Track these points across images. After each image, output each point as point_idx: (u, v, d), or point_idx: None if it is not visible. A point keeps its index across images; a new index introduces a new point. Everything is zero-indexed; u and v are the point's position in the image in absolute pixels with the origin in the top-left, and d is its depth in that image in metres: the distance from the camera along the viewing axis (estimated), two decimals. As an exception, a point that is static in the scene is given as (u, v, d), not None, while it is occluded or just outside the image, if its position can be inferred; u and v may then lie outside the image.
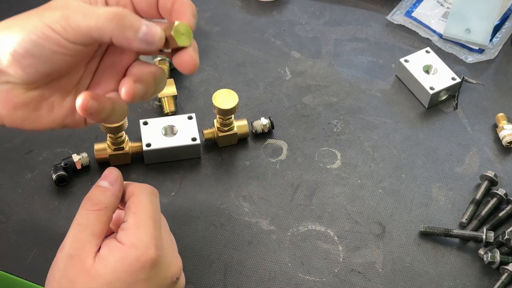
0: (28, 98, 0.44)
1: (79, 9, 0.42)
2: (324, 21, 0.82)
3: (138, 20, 0.42)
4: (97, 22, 0.41)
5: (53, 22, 0.41)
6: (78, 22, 0.41)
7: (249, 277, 0.60)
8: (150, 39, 0.42)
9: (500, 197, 0.64)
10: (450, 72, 0.73)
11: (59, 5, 0.43)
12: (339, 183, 0.67)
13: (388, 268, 0.61)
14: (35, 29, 0.41)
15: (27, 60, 0.42)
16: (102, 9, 0.42)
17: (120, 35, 0.41)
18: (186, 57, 0.44)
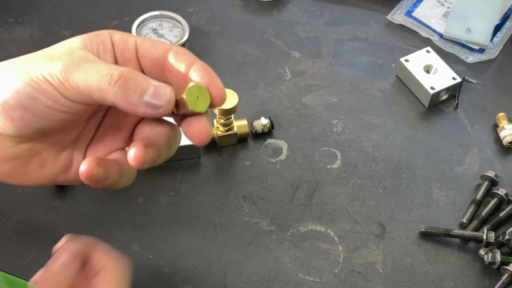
0: (17, 152, 0.40)
1: (82, 64, 0.37)
2: (324, 21, 0.82)
3: (145, 80, 0.37)
4: (99, 84, 0.37)
5: (52, 74, 0.37)
6: (79, 80, 0.37)
7: (249, 277, 0.59)
8: (156, 103, 0.37)
9: (500, 197, 0.64)
10: (450, 72, 0.73)
11: (62, 54, 0.38)
12: (339, 183, 0.66)
13: (388, 269, 0.60)
14: (31, 79, 0.37)
15: (18, 112, 0.37)
16: (106, 67, 0.37)
17: (124, 100, 0.37)
18: (197, 127, 0.38)
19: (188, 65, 0.39)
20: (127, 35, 0.41)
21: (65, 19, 0.80)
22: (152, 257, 0.61)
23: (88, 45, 0.39)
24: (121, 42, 0.40)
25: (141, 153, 0.38)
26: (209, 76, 0.39)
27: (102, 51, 0.40)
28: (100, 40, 0.40)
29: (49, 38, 0.77)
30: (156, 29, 0.75)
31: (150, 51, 0.40)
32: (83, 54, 0.38)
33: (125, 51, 0.40)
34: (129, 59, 0.40)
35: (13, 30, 0.78)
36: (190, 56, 0.40)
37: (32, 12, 0.80)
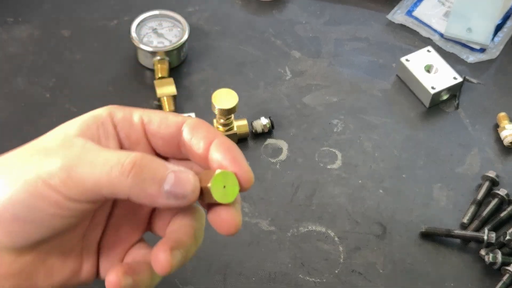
0: (19, 266, 0.34)
1: (84, 155, 0.32)
2: (325, 20, 0.82)
3: (162, 166, 0.32)
4: (109, 177, 0.31)
5: (51, 175, 0.31)
6: (84, 176, 0.31)
7: (249, 278, 0.59)
8: (179, 192, 0.31)
9: (501, 197, 0.64)
10: (451, 72, 0.73)
11: (59, 146, 0.32)
12: (339, 183, 0.66)
13: (389, 269, 0.60)
14: (27, 185, 0.31)
15: (15, 226, 0.32)
16: (114, 155, 0.31)
17: (140, 192, 0.31)
18: (225, 217, 0.34)
19: (207, 143, 0.34)
20: (130, 111, 0.35)
21: (64, 19, 0.79)
22: (152, 258, 0.60)
23: (86, 131, 0.34)
24: (124, 121, 0.35)
25: (168, 258, 0.32)
26: (233, 156, 0.34)
27: (103, 136, 0.34)
28: (100, 123, 0.34)
29: (49, 37, 0.77)
30: (155, 28, 0.75)
31: (161, 128, 0.35)
32: (82, 143, 0.33)
33: (131, 132, 0.35)
34: (136, 141, 0.35)
35: (12, 30, 0.78)
36: (208, 130, 0.34)
37: (31, 11, 0.80)
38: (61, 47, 0.77)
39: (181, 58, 0.75)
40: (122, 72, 0.75)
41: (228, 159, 0.33)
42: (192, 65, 0.76)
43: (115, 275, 0.33)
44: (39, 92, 0.72)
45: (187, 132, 0.34)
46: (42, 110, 0.71)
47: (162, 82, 0.71)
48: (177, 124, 0.35)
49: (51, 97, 0.72)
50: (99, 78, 0.74)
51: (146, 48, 0.72)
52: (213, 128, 0.35)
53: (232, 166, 0.33)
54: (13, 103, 0.71)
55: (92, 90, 0.73)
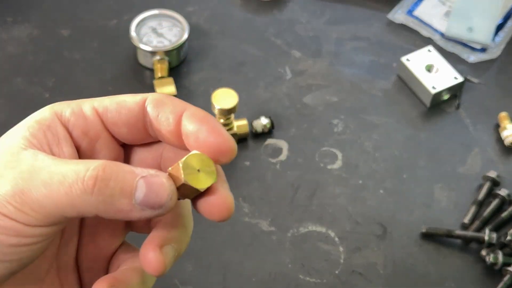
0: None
1: (37, 174, 0.27)
2: (325, 20, 0.81)
3: (129, 173, 0.27)
4: (70, 197, 0.26)
5: (1, 203, 0.27)
6: (40, 199, 0.26)
7: (249, 278, 0.59)
8: (155, 202, 0.27)
9: (502, 198, 0.64)
10: (452, 72, 0.72)
11: (6, 165, 0.28)
12: (340, 183, 0.66)
13: (389, 270, 0.60)
14: None
15: None
16: (71, 169, 0.27)
17: (109, 208, 0.27)
18: (215, 201, 0.29)
19: (177, 116, 0.29)
20: (78, 104, 0.30)
21: (63, 18, 0.79)
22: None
23: (32, 139, 0.29)
24: (75, 118, 0.30)
25: (158, 258, 0.28)
26: (210, 126, 0.29)
27: (53, 142, 0.29)
28: (45, 127, 0.29)
29: (48, 37, 0.77)
30: (155, 28, 0.75)
31: (121, 114, 0.30)
32: (31, 157, 0.28)
33: (86, 127, 0.30)
34: (96, 136, 0.30)
35: (11, 29, 0.77)
36: (175, 102, 0.30)
37: (30, 11, 0.79)
38: (61, 47, 0.76)
39: (180, 58, 0.75)
40: (122, 72, 0.74)
41: (204, 129, 0.29)
42: (192, 65, 0.75)
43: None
44: (39, 92, 0.72)
45: (152, 109, 0.30)
46: (42, 110, 0.71)
47: (161, 82, 0.71)
48: (138, 104, 0.30)
49: (51, 97, 0.72)
50: (98, 78, 0.74)
51: (145, 48, 0.72)
52: (180, 101, 0.30)
53: (210, 136, 0.28)
54: (12, 103, 0.71)
55: (92, 90, 0.73)
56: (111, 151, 0.31)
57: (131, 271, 0.31)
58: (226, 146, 0.29)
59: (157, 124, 0.30)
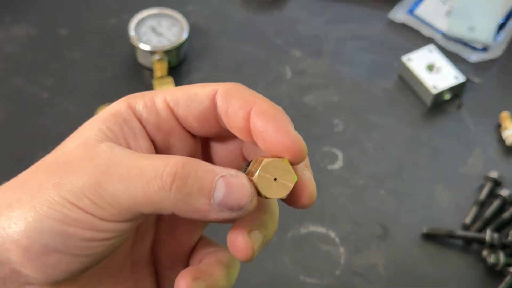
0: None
1: (114, 168, 0.26)
2: (325, 19, 0.81)
3: (209, 172, 0.26)
4: (147, 194, 0.26)
5: (77, 196, 0.26)
6: (116, 194, 0.26)
7: (248, 280, 0.59)
8: (234, 203, 0.26)
9: (504, 198, 0.63)
10: (453, 71, 0.72)
11: (81, 157, 0.27)
12: (340, 184, 0.66)
13: (390, 270, 0.60)
14: (53, 211, 0.26)
15: (48, 259, 0.27)
16: (150, 164, 0.26)
17: (187, 207, 0.26)
18: (296, 190, 0.29)
19: (246, 112, 0.28)
20: (151, 97, 0.29)
21: (62, 17, 0.79)
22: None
23: (108, 133, 0.28)
24: (149, 111, 0.29)
25: (248, 242, 0.28)
26: (276, 125, 0.27)
27: (130, 135, 0.29)
28: (122, 120, 0.29)
29: (46, 36, 0.77)
30: (155, 27, 0.74)
31: (191, 108, 0.29)
32: (108, 151, 0.27)
33: (159, 122, 0.29)
34: (169, 131, 0.29)
35: (10, 29, 0.77)
36: (245, 96, 0.28)
37: (29, 10, 0.79)
38: (59, 46, 0.76)
39: (180, 58, 0.75)
40: (121, 71, 0.74)
41: (271, 129, 0.27)
42: (192, 65, 0.75)
43: (184, 282, 0.28)
44: (37, 91, 0.72)
45: (222, 102, 0.28)
46: (41, 110, 0.70)
47: (161, 81, 0.71)
48: (209, 97, 0.29)
49: (50, 96, 0.71)
50: (97, 77, 0.73)
51: (145, 47, 0.72)
52: (250, 92, 0.29)
53: (277, 136, 0.27)
54: (12, 103, 0.71)
55: (91, 89, 0.72)
56: (186, 146, 0.30)
57: (215, 264, 0.31)
58: (294, 147, 0.27)
59: (227, 119, 0.29)
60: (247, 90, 0.29)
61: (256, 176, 0.27)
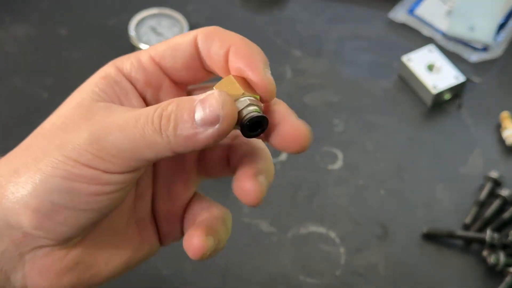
0: (73, 259, 0.31)
1: (111, 122, 0.28)
2: (325, 19, 0.81)
3: (188, 101, 0.28)
4: (144, 139, 0.27)
5: (79, 152, 0.28)
6: (118, 142, 0.27)
7: (248, 280, 0.59)
8: (210, 115, 0.27)
9: (504, 198, 0.63)
10: (453, 71, 0.72)
11: (77, 116, 0.29)
12: (340, 184, 0.66)
13: (390, 271, 0.60)
14: (58, 170, 0.28)
15: (57, 216, 0.28)
16: (142, 115, 0.28)
17: (180, 140, 0.27)
18: (287, 130, 0.30)
19: (225, 53, 0.29)
20: (136, 56, 0.31)
21: (62, 17, 0.79)
22: (151, 259, 0.60)
23: (102, 94, 0.30)
24: (136, 70, 0.31)
25: (257, 187, 0.30)
26: (248, 62, 0.29)
27: (122, 95, 0.31)
28: (113, 82, 0.31)
29: (46, 36, 0.77)
30: (155, 27, 0.74)
31: (177, 58, 0.30)
32: (103, 108, 0.29)
33: (148, 78, 0.31)
34: (158, 85, 0.31)
35: (9, 28, 0.77)
36: (222, 36, 0.29)
37: (29, 10, 0.79)
38: (59, 46, 0.76)
39: (180, 57, 0.74)
40: (121, 71, 0.74)
41: (245, 68, 0.29)
42: (192, 64, 0.75)
43: (199, 239, 0.31)
44: (37, 91, 0.72)
45: (203, 45, 0.30)
46: (40, 110, 0.70)
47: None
48: (191, 43, 0.30)
49: (49, 96, 0.71)
50: (97, 77, 0.73)
51: (145, 48, 0.72)
52: (229, 33, 0.30)
53: (248, 75, 0.29)
54: (11, 103, 0.71)
55: (91, 89, 0.72)
56: (176, 97, 0.31)
57: (215, 219, 0.33)
58: (263, 85, 0.29)
59: (210, 61, 0.30)
60: (225, 31, 0.30)
61: (221, 82, 0.29)
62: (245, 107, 0.28)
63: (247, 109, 0.28)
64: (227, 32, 0.30)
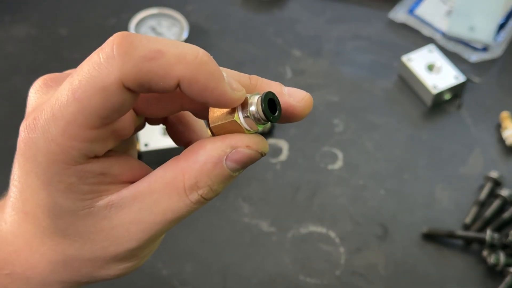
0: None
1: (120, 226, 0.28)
2: (325, 19, 0.81)
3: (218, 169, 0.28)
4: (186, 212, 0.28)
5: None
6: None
7: (248, 280, 0.59)
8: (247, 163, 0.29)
9: (504, 198, 0.63)
10: (453, 71, 0.72)
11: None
12: (340, 184, 0.66)
13: (390, 271, 0.60)
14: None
15: None
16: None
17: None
18: (289, 97, 0.30)
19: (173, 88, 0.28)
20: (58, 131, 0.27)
21: (62, 17, 0.79)
22: (151, 259, 0.60)
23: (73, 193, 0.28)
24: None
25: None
26: (216, 98, 0.27)
27: None
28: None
29: (46, 36, 0.77)
30: (155, 27, 0.74)
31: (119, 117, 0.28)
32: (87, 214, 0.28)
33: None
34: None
35: (10, 29, 0.77)
36: (157, 72, 0.27)
37: (29, 10, 0.79)
38: (59, 46, 0.76)
39: (180, 57, 0.74)
40: (121, 71, 0.74)
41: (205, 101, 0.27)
42: (192, 64, 0.75)
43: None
44: (37, 91, 0.72)
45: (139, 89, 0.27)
46: (40, 110, 0.70)
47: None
48: (119, 92, 0.27)
49: (49, 96, 0.71)
50: (97, 77, 0.73)
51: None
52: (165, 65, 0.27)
53: (215, 103, 0.27)
54: (11, 103, 0.71)
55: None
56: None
57: None
58: (238, 101, 0.29)
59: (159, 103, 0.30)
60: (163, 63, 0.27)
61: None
62: (249, 105, 0.28)
63: (252, 103, 0.28)
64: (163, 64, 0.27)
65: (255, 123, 0.28)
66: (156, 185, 0.27)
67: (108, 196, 0.28)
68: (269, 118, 0.28)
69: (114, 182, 0.28)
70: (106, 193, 0.28)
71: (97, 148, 0.27)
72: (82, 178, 0.27)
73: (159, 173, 0.28)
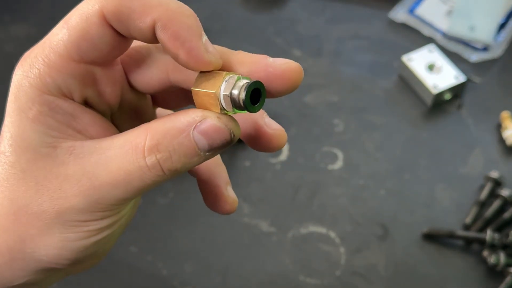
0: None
1: (96, 176, 0.27)
2: (326, 18, 0.81)
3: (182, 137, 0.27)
4: (147, 184, 0.27)
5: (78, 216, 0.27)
6: (117, 197, 0.27)
7: (248, 280, 0.59)
8: (222, 145, 0.27)
9: (504, 198, 0.63)
10: (454, 71, 0.72)
11: (47, 174, 0.27)
12: (340, 184, 0.66)
13: (390, 271, 0.60)
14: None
15: None
16: (132, 165, 0.27)
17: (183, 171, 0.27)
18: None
19: (148, 28, 0.28)
20: (42, 58, 0.28)
21: (62, 17, 0.78)
22: (151, 259, 0.60)
23: (49, 131, 0.28)
24: (58, 77, 0.28)
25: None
26: (191, 56, 0.29)
27: (66, 115, 0.28)
28: (47, 107, 0.28)
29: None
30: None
31: (92, 49, 0.28)
32: (66, 152, 0.27)
33: (77, 79, 0.28)
34: (92, 81, 0.29)
35: (10, 29, 0.77)
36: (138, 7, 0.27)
37: (28, 10, 0.79)
38: (59, 46, 0.76)
39: (180, 57, 0.74)
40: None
41: (184, 57, 0.28)
42: (192, 64, 0.75)
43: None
44: (37, 91, 0.72)
45: (118, 25, 0.27)
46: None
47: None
48: (100, 25, 0.27)
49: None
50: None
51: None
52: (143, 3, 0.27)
53: (189, 65, 0.29)
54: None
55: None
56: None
57: None
58: (208, 63, 0.30)
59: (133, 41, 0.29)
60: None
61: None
62: (234, 86, 0.27)
63: (237, 85, 0.27)
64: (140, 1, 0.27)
65: (232, 105, 0.27)
66: (117, 141, 0.27)
67: (72, 141, 0.27)
68: (246, 107, 0.27)
69: (82, 131, 0.28)
70: (71, 138, 0.27)
71: (72, 85, 0.27)
72: (52, 111, 0.27)
73: (126, 131, 0.27)
